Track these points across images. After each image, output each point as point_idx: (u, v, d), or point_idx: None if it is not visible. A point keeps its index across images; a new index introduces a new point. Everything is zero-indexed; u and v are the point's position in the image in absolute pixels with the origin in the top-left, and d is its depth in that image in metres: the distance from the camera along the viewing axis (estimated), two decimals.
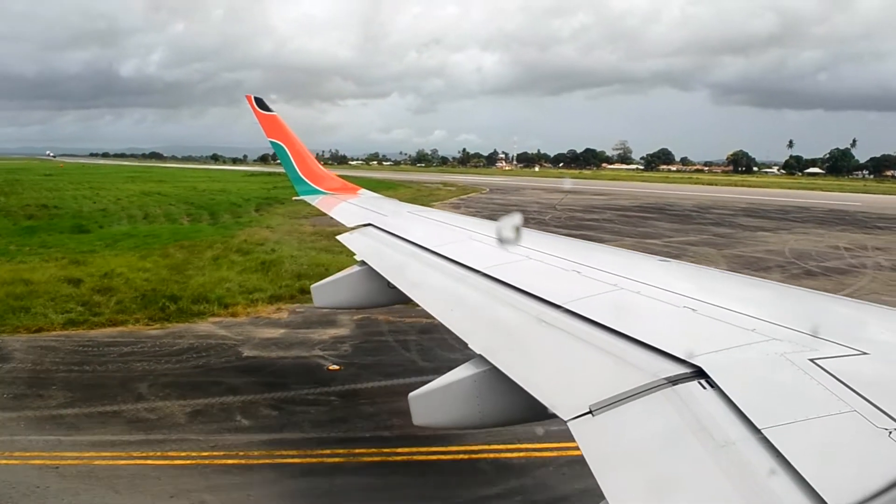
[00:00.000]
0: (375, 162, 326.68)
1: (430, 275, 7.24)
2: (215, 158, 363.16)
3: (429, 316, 6.08)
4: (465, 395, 4.79)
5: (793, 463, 2.52)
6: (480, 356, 4.73)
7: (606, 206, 56.96)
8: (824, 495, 2.32)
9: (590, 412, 3.38)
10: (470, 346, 4.87)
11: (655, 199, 69.10)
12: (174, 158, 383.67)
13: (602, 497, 2.71)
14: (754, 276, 6.76)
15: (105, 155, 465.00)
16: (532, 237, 8.09)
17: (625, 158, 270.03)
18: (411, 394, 5.00)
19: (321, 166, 15.41)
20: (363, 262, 9.00)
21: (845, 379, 3.13)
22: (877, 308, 4.74)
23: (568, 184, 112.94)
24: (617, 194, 76.45)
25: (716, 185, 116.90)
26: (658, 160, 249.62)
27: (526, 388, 3.98)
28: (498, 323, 5.39)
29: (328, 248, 26.03)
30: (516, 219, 7.06)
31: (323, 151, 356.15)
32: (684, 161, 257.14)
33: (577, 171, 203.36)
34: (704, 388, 3.32)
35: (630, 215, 49.78)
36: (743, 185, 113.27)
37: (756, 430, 2.80)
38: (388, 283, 7.97)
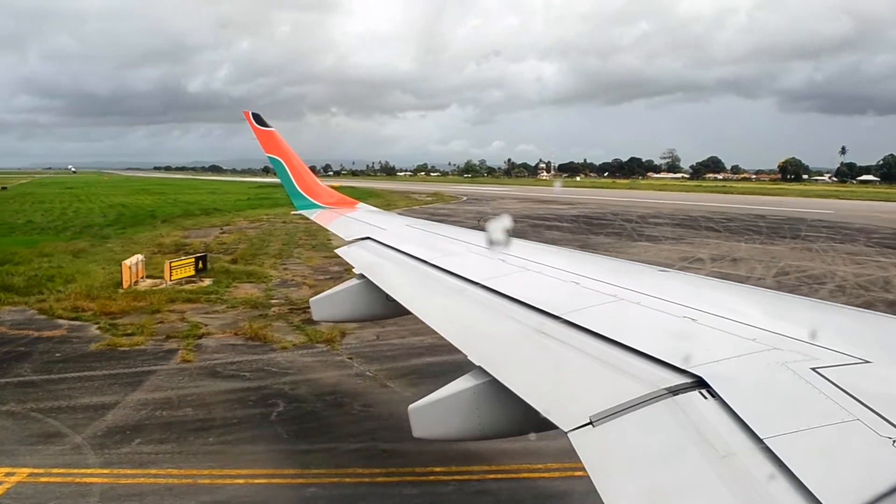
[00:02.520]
0: (423, 173, 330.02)
1: (428, 287, 7.24)
2: (266, 171, 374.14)
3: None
4: (465, 406, 4.76)
5: (795, 473, 2.50)
6: (480, 368, 4.69)
7: (546, 216, 58.07)
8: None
9: (590, 423, 3.36)
10: (469, 357, 4.84)
11: (622, 207, 70.38)
12: (233, 171, 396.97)
13: None
14: (755, 287, 6.80)
15: (167, 168, 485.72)
16: (531, 248, 8.23)
17: (672, 167, 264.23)
18: (411, 406, 4.92)
19: (319, 181, 15.68)
20: (362, 276, 9.01)
21: (847, 388, 3.10)
22: (878, 316, 4.72)
23: (557, 191, 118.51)
24: (591, 203, 77.69)
25: (731, 193, 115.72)
26: (706, 169, 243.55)
27: (526, 400, 3.96)
28: (497, 334, 5.37)
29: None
30: (509, 230, 7.41)
31: (373, 163, 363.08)
32: (735, 169, 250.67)
33: (610, 181, 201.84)
34: (705, 397, 3.31)
35: (549, 224, 51.04)
36: (761, 194, 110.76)
37: (758, 440, 2.78)
38: (387, 295, 7.91)
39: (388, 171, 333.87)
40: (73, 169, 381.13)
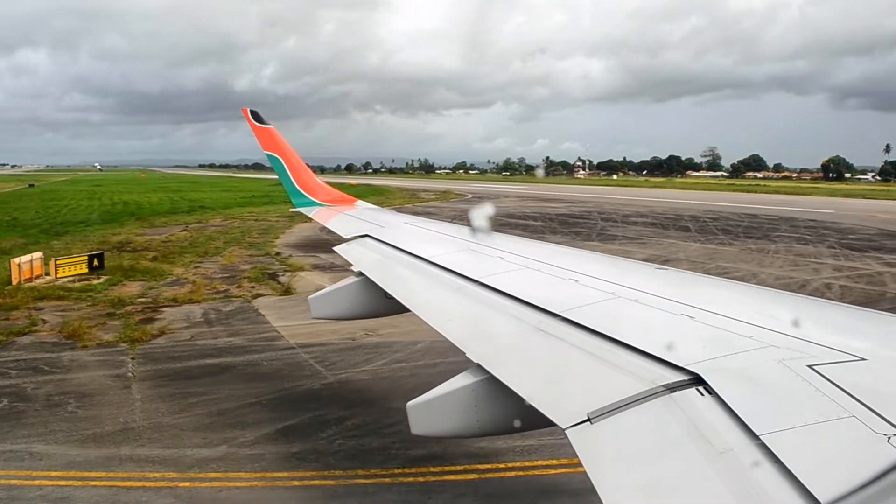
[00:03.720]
0: (461, 171, 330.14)
1: (427, 285, 7.27)
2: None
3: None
4: (464, 403, 4.78)
5: (791, 469, 2.52)
6: (478, 365, 4.71)
7: (529, 215, 58.12)
8: (823, 501, 2.32)
9: (588, 420, 3.39)
10: (468, 355, 4.87)
11: (618, 206, 69.69)
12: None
13: None
14: (752, 285, 6.96)
15: (211, 166, 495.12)
16: (529, 246, 8.31)
17: (713, 165, 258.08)
18: (409, 403, 4.93)
19: (318, 178, 15.75)
20: (360, 273, 9.03)
21: (844, 385, 3.13)
22: (875, 314, 4.75)
23: (570, 189, 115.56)
24: (593, 202, 77.19)
25: (756, 192, 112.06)
26: (746, 167, 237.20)
27: (524, 397, 3.99)
28: (495, 332, 5.38)
29: None
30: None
31: (412, 161, 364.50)
32: (777, 168, 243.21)
33: (643, 179, 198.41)
34: (703, 394, 3.33)
35: (522, 223, 50.85)
36: (785, 193, 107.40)
37: (754, 437, 2.81)
38: (386, 293, 7.93)
39: (427, 169, 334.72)
40: (98, 167, 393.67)
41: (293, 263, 30.17)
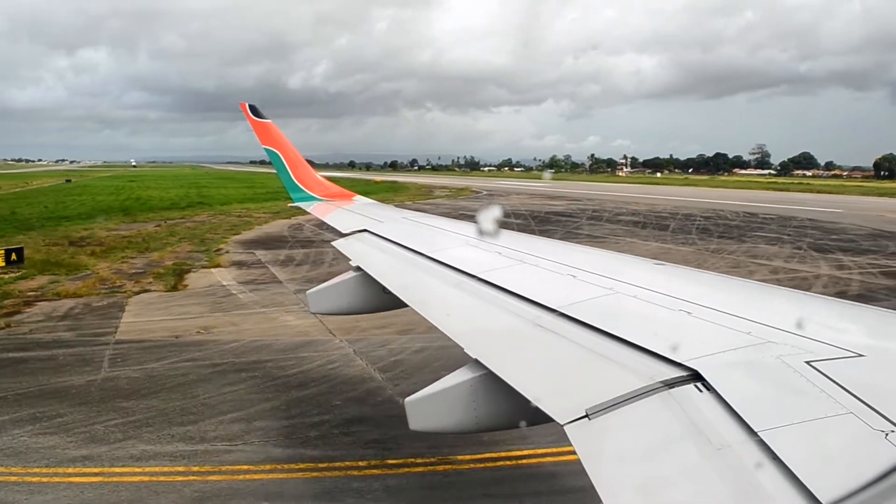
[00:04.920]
0: (507, 168, 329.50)
1: (425, 280, 7.33)
2: (352, 165, 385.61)
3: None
4: (462, 399, 4.79)
5: (789, 466, 2.53)
6: (476, 360, 4.73)
7: (519, 213, 57.32)
8: (820, 497, 2.34)
9: (586, 416, 3.40)
10: (466, 350, 4.89)
11: (618, 204, 69.33)
12: (326, 166, 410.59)
13: (599, 501, 2.73)
14: (749, 280, 7.13)
15: (262, 163, 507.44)
16: (528, 241, 8.41)
17: (762, 163, 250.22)
18: (408, 398, 4.97)
19: (317, 173, 15.70)
20: (358, 268, 9.12)
21: (841, 381, 3.15)
22: (873, 310, 4.79)
23: (587, 186, 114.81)
24: (596, 200, 76.53)
25: (787, 191, 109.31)
26: (796, 165, 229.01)
27: (522, 392, 4.00)
28: (494, 327, 5.41)
29: None
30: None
31: (458, 158, 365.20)
32: (828, 166, 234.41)
33: (682, 177, 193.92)
34: (700, 391, 3.35)
35: (505, 220, 48.92)
36: (815, 192, 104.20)
37: (752, 433, 2.82)
38: (384, 288, 7.98)
39: (472, 167, 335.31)
40: (133, 163, 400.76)
41: (217, 260, 30.53)
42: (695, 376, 3.48)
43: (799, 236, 41.97)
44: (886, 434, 2.65)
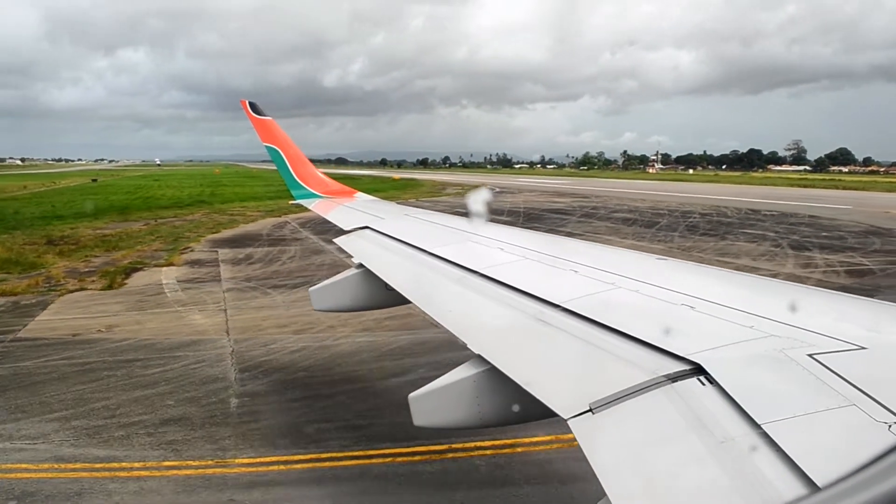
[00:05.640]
0: (539, 165, 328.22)
1: (427, 276, 7.33)
2: (383, 163, 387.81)
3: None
4: (465, 395, 4.81)
5: (793, 457, 2.55)
6: (479, 356, 4.74)
7: (514, 210, 56.85)
8: (821, 486, 2.34)
9: (590, 410, 3.42)
10: (469, 346, 4.89)
11: (622, 202, 67.75)
12: (360, 164, 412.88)
13: (603, 495, 2.74)
14: (752, 275, 7.22)
15: None
16: (530, 237, 8.50)
17: (798, 159, 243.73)
18: (411, 394, 4.96)
19: (318, 171, 15.89)
20: (361, 265, 9.15)
21: (844, 373, 3.17)
22: (875, 303, 4.83)
23: (605, 184, 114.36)
24: (601, 197, 75.95)
25: (812, 187, 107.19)
26: (833, 161, 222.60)
27: (525, 388, 4.01)
28: (496, 323, 5.43)
29: None
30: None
31: (490, 155, 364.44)
32: (867, 161, 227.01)
33: (713, 174, 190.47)
34: (703, 384, 3.36)
35: (496, 218, 48.98)
36: (840, 188, 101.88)
37: (756, 426, 2.84)
38: (386, 284, 7.99)
39: (504, 164, 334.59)
40: (158, 162, 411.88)
41: (173, 259, 30.89)
42: (697, 370, 3.50)
43: (788, 233, 41.14)
44: (889, 425, 2.66)
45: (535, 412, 4.11)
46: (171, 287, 24.59)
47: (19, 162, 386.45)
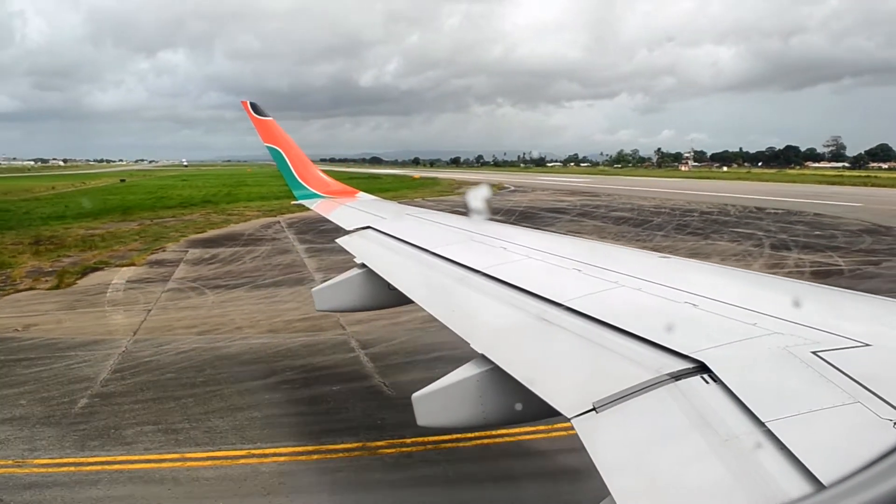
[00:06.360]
0: (572, 164, 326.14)
1: (430, 275, 7.31)
2: (416, 162, 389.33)
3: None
4: (469, 395, 4.78)
5: (797, 455, 2.54)
6: (482, 356, 4.72)
7: (513, 209, 56.84)
8: (829, 486, 2.33)
9: (593, 409, 3.40)
10: (472, 345, 4.88)
11: (622, 201, 67.49)
12: (394, 163, 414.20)
13: (607, 493, 2.72)
14: (755, 272, 6.98)
15: (331, 160, 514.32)
16: (532, 236, 8.49)
17: (837, 156, 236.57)
18: (415, 395, 4.93)
19: (320, 171, 16.01)
20: (363, 265, 9.13)
21: (848, 370, 3.15)
22: (879, 300, 4.78)
23: (626, 182, 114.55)
24: (611, 195, 75.87)
25: (841, 184, 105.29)
26: (873, 157, 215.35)
27: (529, 387, 3.99)
28: (499, 322, 5.41)
29: None
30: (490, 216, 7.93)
31: (523, 154, 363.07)
32: None
33: (744, 171, 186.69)
34: (707, 382, 3.35)
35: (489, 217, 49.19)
36: (869, 186, 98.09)
37: (760, 424, 2.82)
38: (389, 284, 7.98)
39: (538, 163, 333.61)
40: (185, 162, 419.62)
41: (136, 259, 31.41)
42: (701, 368, 3.50)
43: (778, 232, 40.43)
44: (894, 423, 2.66)
45: (538, 411, 4.12)
46: (116, 287, 24.97)
47: (61, 163, 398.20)
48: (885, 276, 26.12)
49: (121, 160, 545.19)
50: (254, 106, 14.92)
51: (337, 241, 11.13)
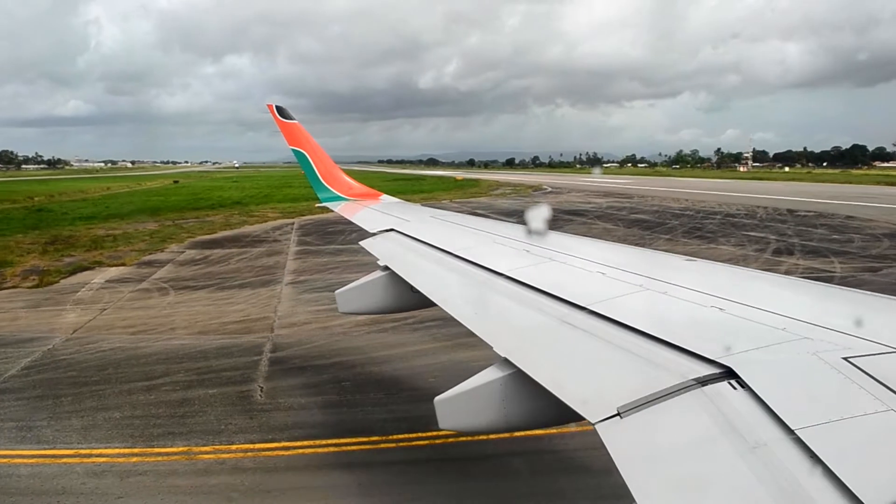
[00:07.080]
0: (630, 164, 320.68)
1: (453, 278, 7.30)
2: (471, 163, 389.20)
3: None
4: (491, 398, 4.75)
5: (828, 464, 2.47)
6: (505, 359, 4.69)
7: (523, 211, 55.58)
8: (862, 497, 2.27)
9: (618, 414, 3.36)
10: (495, 349, 4.85)
11: (649, 203, 65.73)
12: (451, 165, 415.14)
13: (632, 500, 2.69)
14: (784, 275, 6.97)
15: (389, 162, 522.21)
16: (556, 239, 8.33)
17: None
18: (437, 398, 4.93)
19: (343, 174, 16.14)
20: (386, 268, 9.11)
21: (881, 377, 3.07)
22: None
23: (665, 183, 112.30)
24: (643, 196, 74.85)
25: (882, 184, 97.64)
26: None
27: (552, 391, 3.96)
28: (523, 326, 5.38)
29: None
30: (541, 221, 7.73)
31: (581, 154, 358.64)
32: None
33: (804, 171, 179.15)
34: (735, 388, 3.29)
35: (497, 217, 48.81)
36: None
37: (789, 431, 2.76)
38: (412, 287, 7.93)
39: (594, 163, 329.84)
40: (236, 164, 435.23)
41: (127, 259, 32.26)
42: (728, 373, 3.44)
43: (792, 236, 38.70)
44: None
45: (561, 415, 4.09)
46: (91, 287, 25.67)
47: (129, 164, 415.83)
48: (874, 284, 24.63)
49: (186, 162, 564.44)
50: (279, 109, 15.06)
51: (360, 243, 11.23)
